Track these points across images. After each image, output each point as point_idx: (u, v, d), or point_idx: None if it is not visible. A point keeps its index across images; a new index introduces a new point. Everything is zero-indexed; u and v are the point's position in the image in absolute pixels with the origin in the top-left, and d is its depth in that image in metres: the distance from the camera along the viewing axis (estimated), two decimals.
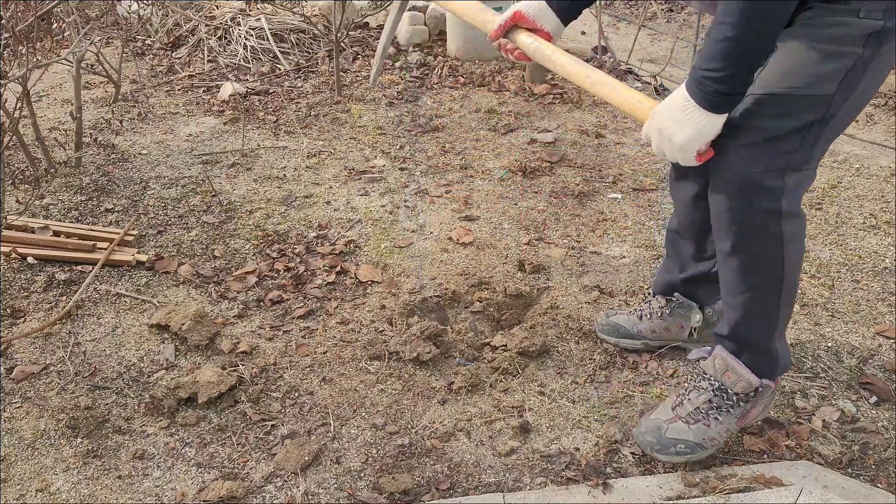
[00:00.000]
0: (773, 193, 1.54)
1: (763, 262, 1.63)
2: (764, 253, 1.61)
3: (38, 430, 1.88)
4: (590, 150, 3.42)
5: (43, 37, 2.86)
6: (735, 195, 1.56)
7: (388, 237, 2.74)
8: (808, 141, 1.53)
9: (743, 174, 1.53)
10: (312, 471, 1.78)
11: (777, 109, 1.52)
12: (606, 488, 1.72)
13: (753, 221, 1.58)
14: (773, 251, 1.60)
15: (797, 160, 1.54)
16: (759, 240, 1.59)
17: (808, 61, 1.48)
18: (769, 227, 1.57)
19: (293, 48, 4.66)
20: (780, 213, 1.55)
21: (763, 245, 1.60)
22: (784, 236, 1.58)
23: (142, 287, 2.44)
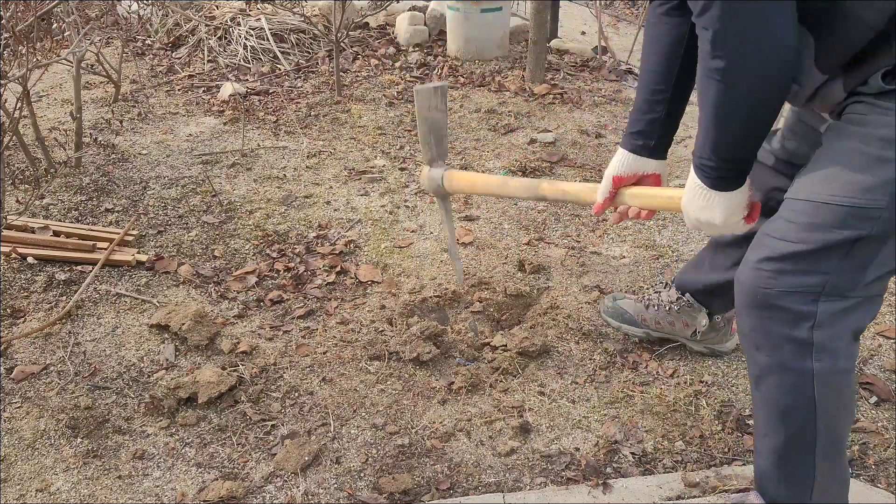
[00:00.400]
0: (802, 321, 1.31)
1: (787, 404, 1.37)
2: (789, 394, 1.36)
3: (38, 430, 1.88)
4: (590, 150, 3.42)
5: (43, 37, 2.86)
6: (754, 317, 1.36)
7: (388, 237, 2.74)
8: (854, 262, 1.28)
9: (763, 293, 1.33)
10: (312, 471, 1.78)
11: (813, 220, 1.30)
12: (606, 488, 1.72)
13: (775, 352, 1.35)
14: (801, 392, 1.34)
15: (839, 284, 1.29)
16: (782, 376, 1.36)
17: (854, 166, 1.27)
18: (793, 362, 1.33)
19: (293, 48, 4.66)
20: (811, 347, 1.31)
21: (787, 383, 1.36)
22: (816, 377, 1.32)
23: (142, 287, 2.44)
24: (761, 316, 1.34)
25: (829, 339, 1.31)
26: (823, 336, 1.31)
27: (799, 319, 1.31)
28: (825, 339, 1.31)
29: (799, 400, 1.35)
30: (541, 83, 4.09)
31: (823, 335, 1.31)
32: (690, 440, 1.87)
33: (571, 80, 4.28)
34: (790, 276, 1.31)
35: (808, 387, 1.33)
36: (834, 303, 1.30)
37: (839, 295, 1.30)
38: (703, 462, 1.81)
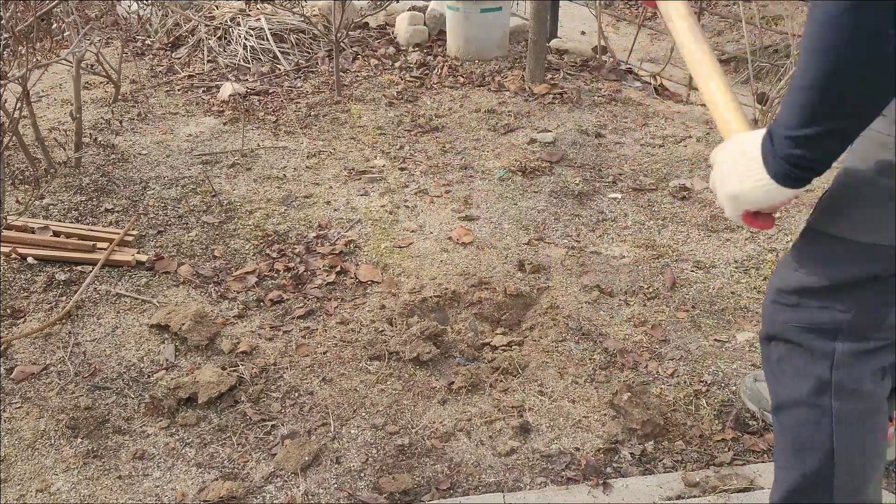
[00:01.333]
0: (820, 359, 1.23)
1: (805, 439, 1.30)
2: (806, 429, 1.29)
3: (39, 431, 1.88)
4: (590, 150, 3.42)
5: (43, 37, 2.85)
6: (774, 348, 1.30)
7: (388, 237, 2.74)
8: (873, 302, 1.19)
9: (781, 327, 1.27)
10: (312, 471, 1.78)
11: (828, 254, 1.21)
12: (606, 488, 1.72)
13: (795, 385, 1.29)
14: (819, 429, 1.27)
15: (858, 325, 1.20)
16: (800, 410, 1.29)
17: (871, 200, 1.16)
18: (812, 399, 1.26)
19: (293, 48, 4.65)
20: (829, 385, 1.24)
21: (805, 418, 1.28)
22: (835, 416, 1.25)
23: (142, 287, 2.44)
24: (784, 349, 1.28)
25: (849, 380, 1.23)
26: (843, 376, 1.23)
27: (817, 357, 1.24)
28: (845, 380, 1.23)
29: (816, 437, 1.27)
30: (540, 83, 4.09)
31: (843, 375, 1.23)
32: (690, 440, 1.87)
33: (571, 79, 4.28)
34: (806, 312, 1.24)
35: (827, 425, 1.26)
36: (854, 343, 1.22)
37: (860, 336, 1.21)
38: (703, 462, 1.81)
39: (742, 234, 2.75)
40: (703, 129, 3.66)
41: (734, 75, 5.13)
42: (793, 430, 1.32)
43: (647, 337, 2.22)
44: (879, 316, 1.20)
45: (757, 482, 1.73)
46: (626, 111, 3.86)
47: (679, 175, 3.19)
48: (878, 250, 1.15)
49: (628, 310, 2.34)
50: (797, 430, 1.31)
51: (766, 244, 2.68)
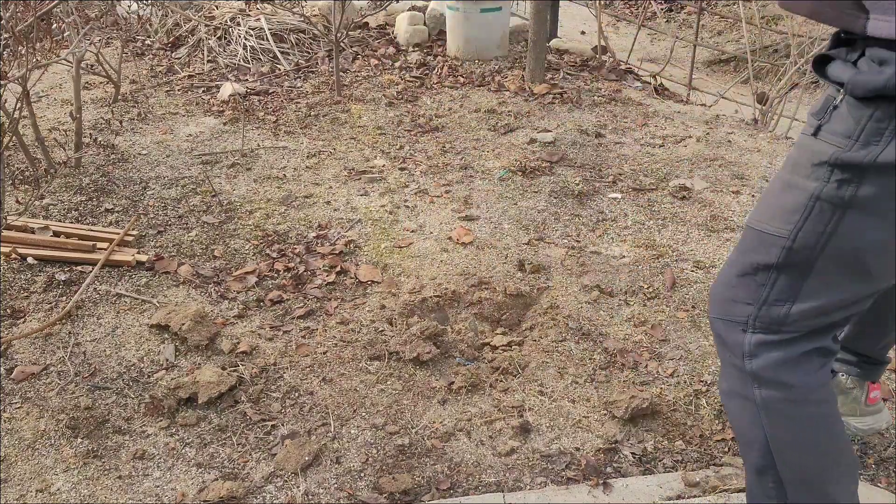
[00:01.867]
0: (736, 349, 1.27)
1: (743, 428, 1.34)
2: (742, 418, 1.33)
3: (39, 431, 1.88)
4: (589, 150, 3.42)
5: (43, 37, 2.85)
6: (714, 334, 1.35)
7: (388, 237, 2.74)
8: (773, 294, 1.22)
9: (711, 318, 1.33)
10: (312, 471, 1.78)
11: (742, 243, 1.29)
12: (607, 488, 1.72)
13: (727, 376, 1.33)
14: (752, 419, 1.30)
15: (765, 318, 1.23)
16: (734, 400, 1.33)
17: (773, 188, 1.24)
18: (740, 389, 1.30)
19: (293, 48, 4.66)
20: (748, 376, 1.27)
21: (739, 408, 1.32)
22: (760, 406, 1.27)
23: (142, 287, 2.44)
24: (717, 342, 1.34)
25: (764, 370, 1.25)
26: (758, 367, 1.25)
27: (733, 348, 1.28)
28: (760, 371, 1.25)
29: (751, 428, 1.30)
30: (540, 83, 4.09)
31: (757, 366, 1.25)
32: (690, 440, 1.87)
33: (571, 79, 4.28)
34: (720, 304, 1.30)
35: (755, 415, 1.28)
36: (763, 335, 1.24)
37: (768, 329, 1.24)
38: (704, 461, 1.81)
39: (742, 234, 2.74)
40: (703, 128, 3.66)
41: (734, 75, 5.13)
42: (734, 422, 1.36)
43: (647, 337, 2.22)
44: (782, 310, 1.22)
45: None
46: (626, 111, 3.86)
47: (679, 175, 3.19)
48: (767, 239, 1.20)
49: (628, 310, 2.34)
50: (737, 421, 1.34)
51: None
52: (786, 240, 1.18)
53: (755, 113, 3.82)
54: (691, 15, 5.98)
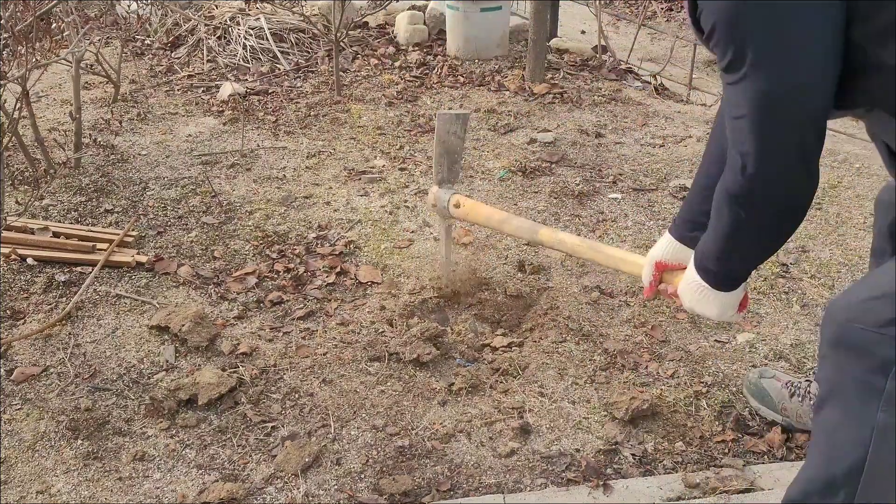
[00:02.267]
0: (881, 366, 1.22)
1: (839, 441, 1.29)
2: (844, 430, 1.28)
3: (39, 432, 1.88)
4: (590, 150, 3.42)
5: (42, 37, 2.85)
6: (835, 351, 1.29)
7: (388, 238, 2.74)
8: None
9: (850, 328, 1.26)
10: (313, 472, 1.78)
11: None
12: (607, 489, 1.72)
13: (845, 388, 1.28)
14: (856, 435, 1.25)
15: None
16: (844, 412, 1.28)
17: None
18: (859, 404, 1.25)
19: (292, 48, 4.65)
20: (880, 395, 1.22)
21: (846, 421, 1.28)
22: (877, 427, 1.24)
23: (141, 288, 2.44)
24: (844, 350, 1.28)
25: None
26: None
27: (878, 364, 1.23)
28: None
29: (853, 445, 1.27)
30: (540, 82, 4.09)
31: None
32: (691, 441, 1.87)
33: (571, 79, 4.28)
34: (878, 316, 1.23)
35: (866, 433, 1.25)
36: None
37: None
38: (704, 463, 1.81)
39: None
40: (703, 128, 3.66)
41: None
42: (831, 431, 1.31)
43: (647, 338, 2.22)
44: None
45: (757, 483, 1.73)
46: (627, 111, 3.86)
47: (679, 175, 3.19)
48: None
49: (628, 310, 2.34)
50: (835, 430, 1.30)
51: None
52: None
53: None
54: None
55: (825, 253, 2.65)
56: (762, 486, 1.73)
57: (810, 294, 2.42)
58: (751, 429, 1.91)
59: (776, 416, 1.90)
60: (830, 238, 2.73)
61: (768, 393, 1.91)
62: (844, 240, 2.73)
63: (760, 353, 2.16)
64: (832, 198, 3.01)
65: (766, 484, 1.73)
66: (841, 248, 2.69)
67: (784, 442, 1.85)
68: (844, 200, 3.01)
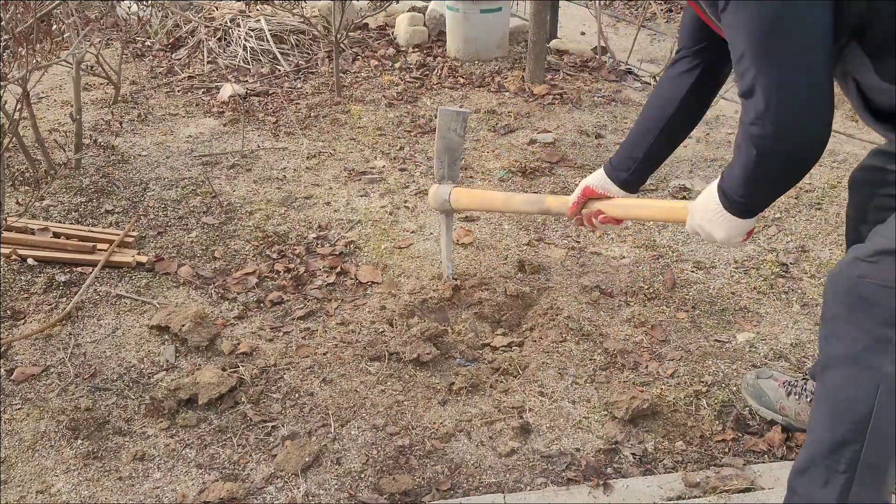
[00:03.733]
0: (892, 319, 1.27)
1: (846, 399, 1.32)
2: (851, 388, 1.32)
3: (39, 432, 1.88)
4: (589, 151, 3.42)
5: (43, 38, 2.85)
6: (843, 306, 1.34)
7: (388, 238, 2.74)
8: None
9: (860, 283, 1.31)
10: (313, 472, 1.78)
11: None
12: (607, 489, 1.72)
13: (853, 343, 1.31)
14: (863, 390, 1.30)
15: None
16: (850, 369, 1.32)
17: None
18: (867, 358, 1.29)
19: (293, 49, 4.66)
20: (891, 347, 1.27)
21: (853, 377, 1.31)
22: (883, 379, 1.28)
23: (142, 288, 2.44)
24: (852, 306, 1.32)
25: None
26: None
27: (890, 317, 1.27)
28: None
29: (858, 400, 1.30)
30: (540, 83, 4.09)
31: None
32: (691, 440, 1.87)
33: (571, 80, 4.28)
34: (886, 269, 1.28)
35: (872, 387, 1.28)
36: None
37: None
38: (704, 462, 1.81)
39: None
40: (703, 129, 3.66)
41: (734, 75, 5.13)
42: (835, 391, 1.34)
43: (647, 337, 2.22)
44: None
45: (757, 483, 1.73)
46: (626, 112, 3.86)
47: (679, 175, 3.19)
48: None
49: (628, 310, 2.34)
50: (840, 390, 1.33)
51: (766, 244, 2.68)
52: None
53: None
54: None
55: (825, 253, 2.65)
56: (762, 486, 1.72)
57: (810, 294, 2.42)
58: (751, 428, 1.91)
59: (775, 415, 1.90)
60: (830, 238, 2.73)
61: (766, 393, 1.92)
62: (844, 239, 2.73)
63: (760, 352, 2.16)
64: (832, 198, 3.01)
65: (766, 483, 1.73)
66: (841, 247, 2.68)
67: (784, 441, 1.85)
68: (844, 200, 3.00)
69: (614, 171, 1.90)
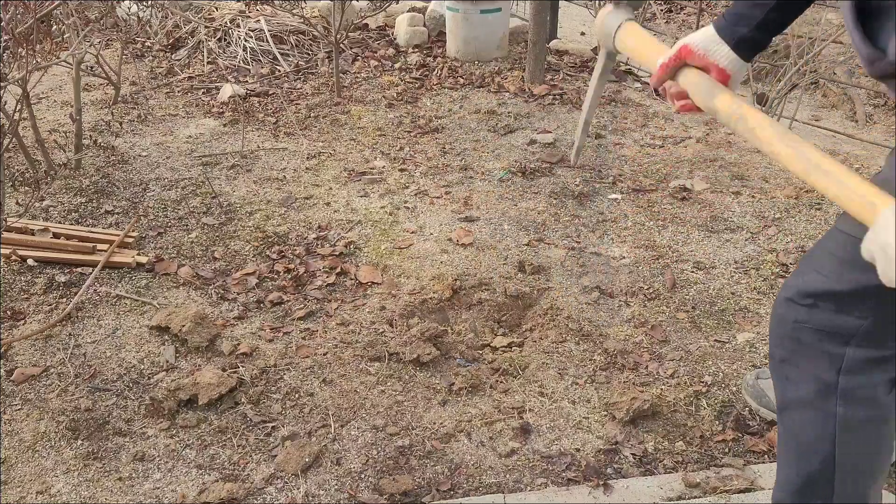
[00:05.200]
0: (829, 362, 1.22)
1: (807, 441, 1.28)
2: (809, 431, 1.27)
3: (39, 433, 1.88)
4: (589, 151, 3.42)
5: (42, 39, 2.85)
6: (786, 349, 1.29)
7: (388, 238, 2.74)
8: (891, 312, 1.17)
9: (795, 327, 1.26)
10: (313, 472, 1.78)
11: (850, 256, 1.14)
12: (607, 489, 1.72)
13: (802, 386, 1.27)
14: (821, 433, 1.25)
15: (873, 332, 1.19)
16: (805, 412, 1.27)
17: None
18: (817, 401, 1.25)
19: (293, 50, 4.66)
20: (836, 389, 1.22)
21: (809, 420, 1.27)
22: (838, 422, 1.23)
23: (142, 289, 2.44)
24: (795, 351, 1.27)
25: (856, 385, 1.22)
26: (850, 382, 1.22)
27: (827, 360, 1.23)
28: (852, 386, 1.22)
29: (820, 441, 1.26)
30: (540, 84, 4.09)
31: (850, 381, 1.22)
32: (691, 440, 1.87)
33: (571, 80, 4.28)
34: (822, 314, 1.22)
35: (830, 429, 1.24)
36: (866, 350, 1.20)
37: (873, 343, 1.19)
38: (704, 462, 1.81)
39: (742, 234, 2.75)
40: (703, 129, 3.66)
41: None
42: (796, 432, 1.31)
43: (647, 338, 2.22)
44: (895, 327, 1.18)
45: (757, 483, 1.73)
46: (626, 112, 3.86)
47: (679, 176, 3.19)
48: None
49: (628, 310, 2.34)
50: (801, 431, 1.30)
51: (766, 245, 2.68)
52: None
53: None
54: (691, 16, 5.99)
55: None
56: (762, 486, 1.72)
57: None
58: (751, 428, 1.91)
59: (775, 415, 1.89)
60: None
61: (766, 393, 1.92)
62: None
63: (760, 352, 2.16)
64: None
65: (766, 483, 1.73)
66: None
67: None
68: None
69: (728, 27, 1.29)
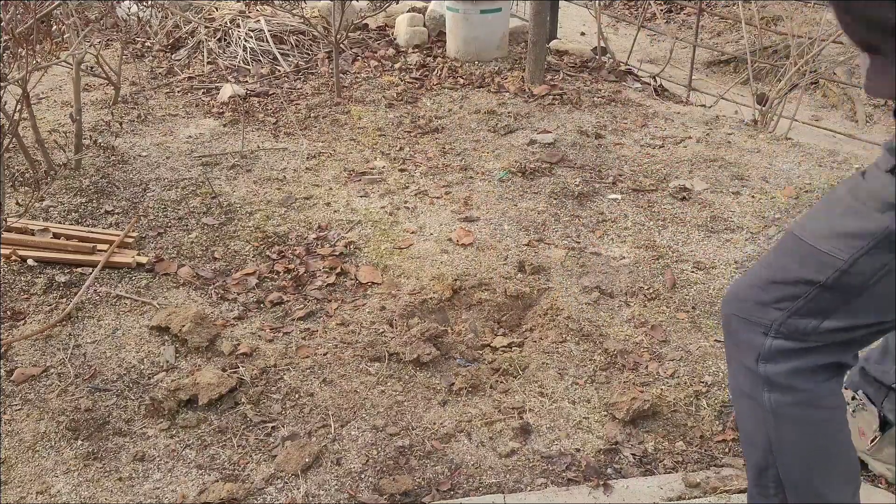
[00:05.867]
0: (751, 351, 1.29)
1: (749, 429, 1.36)
2: (749, 419, 1.35)
3: (39, 433, 1.88)
4: (589, 151, 3.42)
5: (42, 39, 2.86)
6: (726, 341, 1.37)
7: (388, 238, 2.74)
8: (812, 308, 1.22)
9: (729, 317, 1.34)
10: (313, 472, 1.78)
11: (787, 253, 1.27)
12: (607, 489, 1.72)
13: (737, 376, 1.35)
14: (759, 421, 1.32)
15: (793, 326, 1.25)
16: (743, 401, 1.35)
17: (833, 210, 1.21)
18: (750, 390, 1.32)
19: (293, 50, 4.66)
20: (760, 378, 1.29)
21: (747, 409, 1.35)
22: (769, 409, 1.29)
23: (142, 289, 2.44)
24: (728, 340, 1.36)
25: (778, 375, 1.27)
26: (771, 372, 1.27)
27: (749, 350, 1.30)
28: (774, 376, 1.27)
29: (758, 429, 1.33)
30: (540, 84, 4.09)
31: (770, 370, 1.28)
32: (691, 440, 1.87)
33: (571, 80, 4.28)
34: (749, 306, 1.30)
35: (762, 416, 1.31)
36: (784, 341, 1.26)
37: (793, 336, 1.26)
38: (704, 462, 1.81)
39: (742, 234, 2.75)
40: (703, 129, 3.66)
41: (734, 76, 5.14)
42: (742, 421, 1.38)
43: (647, 338, 2.22)
44: (815, 322, 1.23)
45: None
46: (626, 112, 3.86)
47: (679, 176, 3.19)
48: (821, 258, 1.19)
49: (628, 311, 2.34)
50: (744, 420, 1.37)
51: (766, 245, 2.68)
52: (843, 262, 1.17)
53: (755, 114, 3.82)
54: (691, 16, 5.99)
55: None
56: None
57: None
58: None
59: None
60: None
61: None
62: None
63: None
64: None
65: None
66: None
67: None
68: None
69: None
